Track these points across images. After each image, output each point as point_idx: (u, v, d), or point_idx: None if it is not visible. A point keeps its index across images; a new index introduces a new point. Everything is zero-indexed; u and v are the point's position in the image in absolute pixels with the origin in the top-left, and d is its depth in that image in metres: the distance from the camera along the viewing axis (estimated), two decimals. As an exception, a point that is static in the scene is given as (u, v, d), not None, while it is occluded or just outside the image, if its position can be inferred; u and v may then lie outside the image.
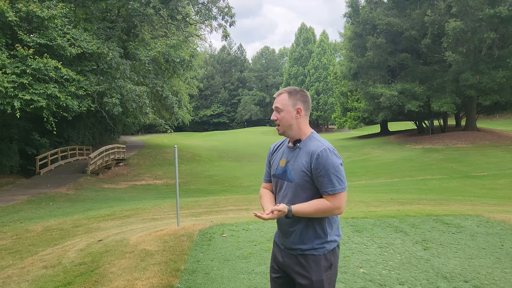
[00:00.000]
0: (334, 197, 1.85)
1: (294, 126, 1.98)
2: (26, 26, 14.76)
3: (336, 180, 1.85)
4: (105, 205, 12.12)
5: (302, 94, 2.00)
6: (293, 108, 1.97)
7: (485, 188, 13.65)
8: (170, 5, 19.96)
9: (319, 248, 1.92)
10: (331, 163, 1.85)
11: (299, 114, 1.97)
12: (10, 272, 4.70)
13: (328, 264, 1.92)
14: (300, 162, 1.92)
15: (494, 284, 3.45)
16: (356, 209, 7.85)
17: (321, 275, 1.90)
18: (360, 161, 25.58)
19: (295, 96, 1.98)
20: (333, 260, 1.95)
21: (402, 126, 45.18)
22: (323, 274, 1.90)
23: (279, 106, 1.98)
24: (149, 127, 53.65)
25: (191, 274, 3.84)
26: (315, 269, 1.90)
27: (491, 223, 5.45)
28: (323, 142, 1.94)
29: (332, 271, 1.94)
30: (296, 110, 1.97)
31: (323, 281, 1.90)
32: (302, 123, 1.99)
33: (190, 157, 29.68)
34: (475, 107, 31.09)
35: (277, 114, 1.99)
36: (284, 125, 1.98)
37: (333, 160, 1.86)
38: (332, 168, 1.85)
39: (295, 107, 1.97)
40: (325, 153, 1.86)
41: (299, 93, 2.00)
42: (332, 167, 1.85)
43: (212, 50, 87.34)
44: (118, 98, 17.06)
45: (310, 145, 1.94)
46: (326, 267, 1.92)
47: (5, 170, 19.49)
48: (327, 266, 1.92)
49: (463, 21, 24.97)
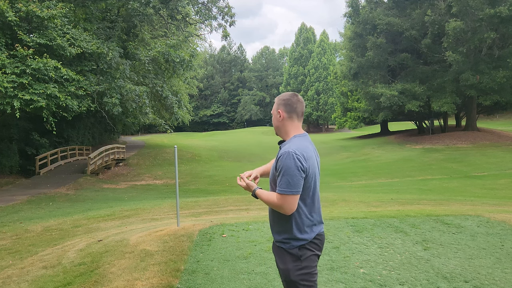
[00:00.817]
0: (280, 197, 1.99)
1: (280, 128, 2.19)
2: (26, 26, 14.75)
3: (285, 182, 1.96)
4: (105, 205, 12.12)
5: (283, 98, 2.17)
6: (276, 112, 2.18)
7: (485, 188, 13.65)
8: (170, 5, 19.94)
9: (286, 242, 2.08)
10: (286, 166, 1.97)
11: (281, 117, 2.15)
12: (10, 272, 4.70)
13: (294, 257, 2.06)
14: (274, 161, 2.14)
15: (494, 284, 3.44)
16: (356, 209, 7.85)
17: (287, 265, 2.06)
18: (360, 161, 25.58)
19: (277, 101, 2.19)
20: (303, 254, 2.06)
21: (402, 126, 45.19)
22: (290, 264, 2.05)
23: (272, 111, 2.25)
24: (149, 127, 53.70)
25: (191, 274, 3.83)
26: (283, 259, 2.09)
27: (491, 223, 5.45)
28: (294, 145, 2.05)
29: (302, 264, 2.05)
30: (278, 113, 2.16)
31: (289, 270, 2.05)
32: (287, 126, 2.16)
33: (190, 157, 29.67)
34: (475, 107, 31.09)
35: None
36: (274, 127, 2.24)
37: (289, 163, 1.96)
38: (285, 170, 1.97)
39: (277, 111, 2.18)
40: (286, 155, 1.99)
41: (280, 98, 2.19)
42: (286, 169, 1.97)
43: (212, 50, 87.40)
44: (118, 98, 17.05)
45: (284, 147, 2.09)
46: (293, 259, 2.06)
47: (5, 170, 19.49)
48: (294, 259, 2.06)
49: (463, 21, 24.97)
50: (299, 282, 2.05)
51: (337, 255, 4.26)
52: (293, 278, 2.05)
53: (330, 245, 4.59)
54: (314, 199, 2.10)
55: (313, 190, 2.08)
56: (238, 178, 2.22)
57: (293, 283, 2.06)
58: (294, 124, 2.15)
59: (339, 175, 20.51)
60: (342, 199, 10.14)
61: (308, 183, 2.04)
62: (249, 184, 2.16)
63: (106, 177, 21.40)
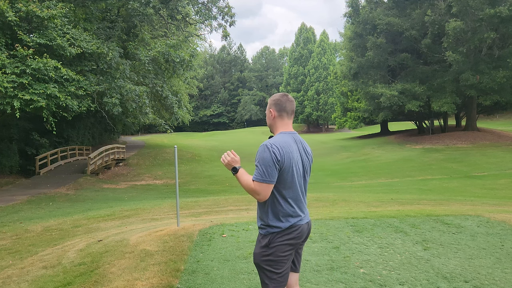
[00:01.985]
0: (255, 183, 2.16)
1: (272, 126, 2.37)
2: (26, 26, 14.74)
3: (258, 171, 2.15)
4: (105, 205, 12.11)
5: (274, 98, 2.36)
6: (268, 111, 2.36)
7: (485, 188, 13.65)
8: (170, 5, 19.94)
9: (262, 228, 2.28)
10: (260, 156, 2.17)
11: (273, 116, 2.34)
12: (10, 272, 4.70)
13: (264, 243, 2.24)
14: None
15: (494, 285, 3.44)
16: (356, 209, 7.85)
17: (257, 249, 2.28)
18: (360, 161, 25.58)
19: (269, 101, 2.38)
20: (272, 242, 2.22)
21: (402, 126, 45.18)
22: (258, 249, 2.27)
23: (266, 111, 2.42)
24: (149, 127, 53.68)
25: (191, 274, 3.83)
26: (257, 243, 2.31)
27: (491, 223, 5.45)
28: (273, 139, 2.24)
29: (269, 251, 2.22)
30: (270, 112, 2.35)
31: (256, 254, 2.28)
32: (277, 124, 2.34)
33: (190, 157, 29.67)
34: (475, 107, 31.08)
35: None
36: (268, 125, 2.41)
37: (263, 154, 2.16)
38: (260, 160, 2.16)
39: (269, 110, 2.36)
40: (261, 147, 2.19)
41: (272, 98, 2.37)
42: (261, 159, 2.16)
43: (212, 50, 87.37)
44: (118, 98, 17.04)
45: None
46: (263, 245, 2.24)
47: (5, 170, 19.48)
48: (264, 245, 2.24)
49: (464, 21, 24.96)
50: (263, 267, 2.25)
51: (337, 255, 4.26)
52: (258, 262, 2.27)
53: (330, 245, 4.59)
54: (293, 191, 2.23)
55: (290, 183, 2.21)
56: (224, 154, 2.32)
57: (258, 266, 2.28)
58: (283, 122, 2.34)
59: (339, 175, 20.51)
60: (342, 199, 10.14)
61: (284, 175, 2.18)
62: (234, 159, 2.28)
63: (106, 177, 21.40)
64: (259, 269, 2.29)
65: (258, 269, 2.29)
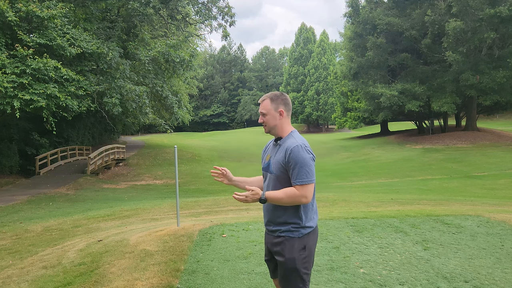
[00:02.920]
0: (301, 187, 2.11)
1: (278, 126, 2.28)
2: (26, 26, 14.74)
3: (304, 173, 2.10)
4: (105, 205, 12.11)
5: (282, 98, 2.29)
6: (276, 111, 2.26)
7: (485, 188, 13.64)
8: (170, 5, 19.94)
9: (295, 230, 2.18)
10: (301, 158, 2.11)
11: (282, 116, 2.27)
12: (10, 272, 4.70)
13: (301, 246, 2.18)
14: (279, 156, 2.21)
15: (494, 285, 3.44)
16: (356, 209, 7.85)
17: (293, 254, 2.17)
18: (360, 161, 25.58)
19: (276, 100, 2.28)
20: (308, 243, 2.20)
21: (402, 126, 45.17)
22: (296, 253, 2.17)
23: (264, 111, 2.28)
24: (149, 127, 53.67)
25: (191, 274, 3.83)
26: (289, 249, 2.18)
27: (491, 223, 5.45)
28: (298, 139, 2.20)
29: (306, 252, 2.19)
30: (279, 113, 2.26)
31: (295, 259, 2.16)
32: (284, 123, 2.28)
33: (190, 157, 29.67)
34: (475, 107, 31.08)
35: (263, 118, 2.29)
36: (269, 126, 2.29)
37: (303, 155, 2.12)
38: (301, 162, 2.11)
39: (277, 110, 2.26)
40: (297, 149, 2.13)
41: (279, 98, 2.28)
42: (302, 161, 2.11)
43: (212, 50, 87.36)
44: (118, 98, 17.04)
45: (287, 142, 2.22)
46: (300, 248, 2.18)
47: (5, 170, 19.48)
48: (301, 248, 2.18)
49: (463, 21, 24.96)
50: (302, 270, 2.17)
51: (337, 255, 4.26)
52: (296, 266, 2.16)
53: (330, 245, 4.59)
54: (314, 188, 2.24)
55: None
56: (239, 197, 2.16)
57: (296, 272, 2.17)
58: (288, 121, 2.32)
59: (339, 175, 20.51)
60: (342, 199, 10.14)
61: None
62: (252, 189, 2.13)
63: (106, 177, 21.40)
64: (295, 274, 2.18)
65: (294, 274, 2.18)
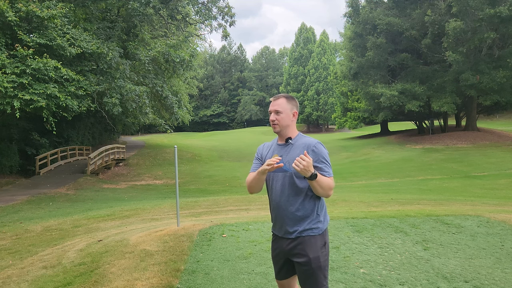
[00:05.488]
0: (331, 180, 2.19)
1: (290, 127, 2.31)
2: (26, 26, 14.74)
3: (329, 167, 2.22)
4: (105, 205, 12.11)
5: (296, 101, 2.38)
6: (291, 112, 2.30)
7: (485, 188, 13.64)
8: (170, 5, 19.93)
9: (314, 228, 2.21)
10: (325, 153, 2.23)
11: (294, 117, 2.33)
12: (10, 272, 4.70)
13: (322, 243, 2.22)
14: (295, 154, 2.20)
15: (494, 285, 3.44)
16: (356, 209, 7.85)
17: (317, 253, 2.18)
18: (360, 161, 25.57)
19: (292, 102, 2.33)
20: (327, 239, 2.27)
21: (402, 126, 45.17)
22: (319, 251, 2.19)
23: (279, 109, 2.28)
24: (149, 127, 53.61)
25: (191, 274, 3.83)
26: (313, 248, 2.18)
27: (491, 223, 5.44)
28: (312, 137, 2.32)
29: (326, 249, 2.24)
30: (293, 114, 2.32)
31: (319, 257, 2.18)
32: (293, 124, 2.34)
33: (190, 157, 29.67)
34: (475, 107, 31.07)
35: (276, 116, 2.28)
36: (282, 125, 2.29)
37: (325, 151, 2.25)
38: (325, 156, 2.22)
39: (292, 111, 2.31)
40: (319, 145, 2.24)
41: (294, 100, 2.36)
42: (325, 156, 2.23)
43: (212, 50, 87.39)
44: (118, 98, 17.04)
45: (303, 140, 2.29)
46: (321, 246, 2.21)
47: (5, 170, 19.47)
48: (322, 245, 2.21)
49: (464, 21, 24.95)
50: (324, 267, 2.21)
51: (337, 255, 4.26)
52: (320, 264, 2.18)
53: (330, 245, 4.59)
54: None
55: None
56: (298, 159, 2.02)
57: (320, 270, 2.18)
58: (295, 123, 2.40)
59: (339, 175, 20.51)
60: (342, 199, 10.14)
61: None
62: (310, 163, 2.02)
63: (106, 177, 21.40)
64: (319, 272, 2.17)
65: (318, 273, 2.17)
